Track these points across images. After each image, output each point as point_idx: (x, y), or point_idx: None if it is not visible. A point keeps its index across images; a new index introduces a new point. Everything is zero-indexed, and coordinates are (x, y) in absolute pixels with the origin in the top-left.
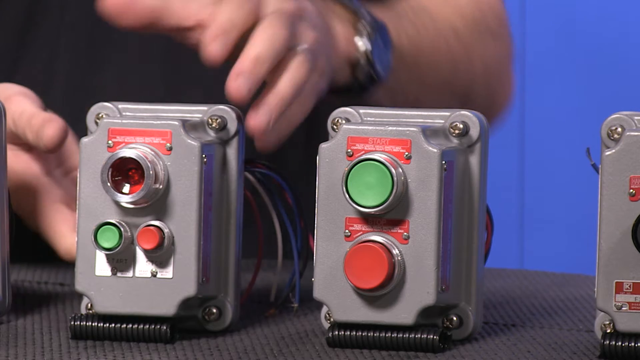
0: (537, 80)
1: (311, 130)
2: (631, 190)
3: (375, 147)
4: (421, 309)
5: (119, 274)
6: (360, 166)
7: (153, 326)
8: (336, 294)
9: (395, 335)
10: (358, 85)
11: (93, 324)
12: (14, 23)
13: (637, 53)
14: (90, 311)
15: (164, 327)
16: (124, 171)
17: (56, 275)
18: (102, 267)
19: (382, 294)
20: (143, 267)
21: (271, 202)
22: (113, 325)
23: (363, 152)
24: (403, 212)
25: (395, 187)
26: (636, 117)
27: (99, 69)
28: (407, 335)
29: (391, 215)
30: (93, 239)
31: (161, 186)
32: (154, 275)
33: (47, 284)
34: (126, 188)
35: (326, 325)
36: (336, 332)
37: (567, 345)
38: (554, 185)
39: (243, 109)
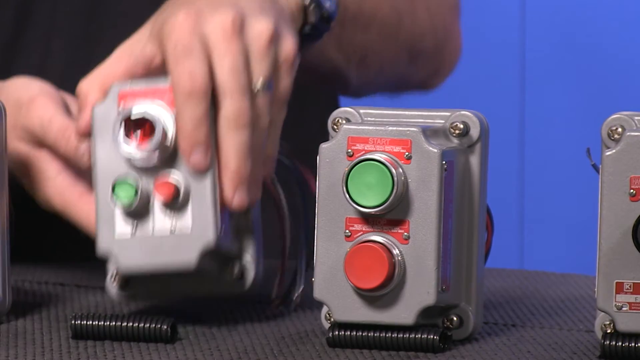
0: (537, 80)
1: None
2: (631, 191)
3: (376, 147)
4: (421, 309)
5: (138, 233)
6: (361, 166)
7: (154, 325)
8: (336, 294)
9: (396, 335)
10: (312, 29)
11: (93, 323)
12: (6, 24)
13: (636, 53)
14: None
15: (165, 327)
16: (135, 127)
17: (56, 275)
18: (122, 227)
19: (382, 294)
20: (162, 223)
21: (283, 196)
22: (113, 324)
23: (363, 152)
24: (403, 212)
25: (395, 187)
26: (636, 117)
27: (93, 68)
28: (407, 335)
29: (391, 215)
30: (111, 194)
31: (171, 143)
32: (172, 230)
33: (47, 284)
34: (135, 144)
35: (326, 325)
36: (336, 332)
37: (567, 345)
38: (554, 185)
39: None
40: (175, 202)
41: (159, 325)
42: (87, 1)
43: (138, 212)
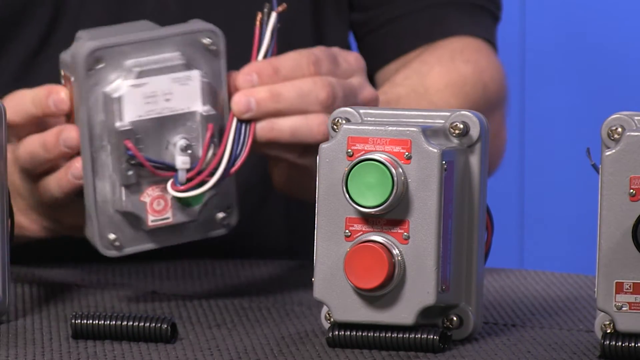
0: (537, 80)
1: None
2: (631, 191)
3: (376, 147)
4: (421, 309)
5: None
6: (361, 166)
7: (154, 325)
8: (336, 294)
9: (395, 335)
10: None
11: (93, 323)
12: (27, 44)
13: (637, 53)
14: None
15: (165, 327)
16: None
17: (56, 275)
18: None
19: (382, 294)
20: None
21: None
22: (113, 324)
23: (363, 152)
24: (403, 212)
25: (395, 187)
26: (636, 117)
27: None
28: (407, 335)
29: (391, 215)
30: None
31: None
32: None
33: (47, 284)
34: None
35: (326, 325)
36: (336, 332)
37: (567, 345)
38: (554, 185)
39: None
40: None
41: (159, 325)
42: (113, 6)
43: None
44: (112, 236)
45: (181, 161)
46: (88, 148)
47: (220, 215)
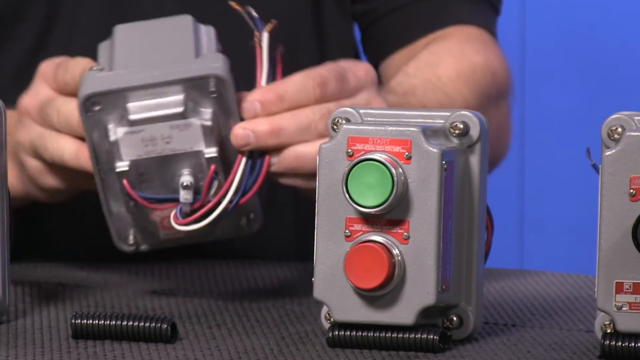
0: (537, 80)
1: None
2: (631, 191)
3: (376, 147)
4: (421, 309)
5: None
6: (361, 166)
7: (154, 325)
8: (336, 294)
9: (395, 335)
10: None
11: (94, 323)
12: (30, 30)
13: (637, 53)
14: None
15: (165, 327)
16: None
17: (56, 275)
18: None
19: (382, 294)
20: None
21: None
22: (113, 324)
23: (363, 152)
24: (403, 212)
25: (395, 187)
26: (636, 117)
27: None
28: (407, 335)
29: (391, 215)
30: None
31: None
32: None
33: (47, 284)
34: None
35: (326, 325)
36: (336, 332)
37: (567, 345)
38: (554, 185)
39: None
40: None
41: (159, 325)
42: (110, 4)
43: None
44: (130, 237)
45: (183, 196)
46: (97, 170)
47: (243, 221)
